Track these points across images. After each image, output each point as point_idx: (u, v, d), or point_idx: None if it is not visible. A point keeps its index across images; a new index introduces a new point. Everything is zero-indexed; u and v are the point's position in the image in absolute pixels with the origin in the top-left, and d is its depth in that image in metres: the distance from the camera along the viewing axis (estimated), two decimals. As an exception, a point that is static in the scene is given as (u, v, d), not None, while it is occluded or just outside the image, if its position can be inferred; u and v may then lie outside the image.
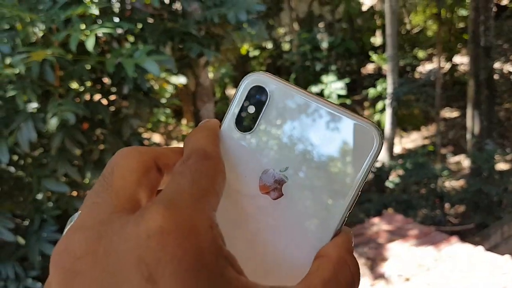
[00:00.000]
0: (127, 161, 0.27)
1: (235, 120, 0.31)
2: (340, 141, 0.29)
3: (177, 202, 0.23)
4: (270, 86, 0.31)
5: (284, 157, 0.30)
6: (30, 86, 1.86)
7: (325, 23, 10.49)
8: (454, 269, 2.72)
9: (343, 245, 0.28)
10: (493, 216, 4.87)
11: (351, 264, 0.27)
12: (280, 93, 0.31)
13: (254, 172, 0.30)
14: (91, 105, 2.11)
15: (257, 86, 0.31)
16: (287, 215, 0.30)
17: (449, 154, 7.81)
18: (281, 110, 0.31)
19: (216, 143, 0.29)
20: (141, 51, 1.86)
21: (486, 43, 6.31)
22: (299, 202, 0.30)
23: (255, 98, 0.31)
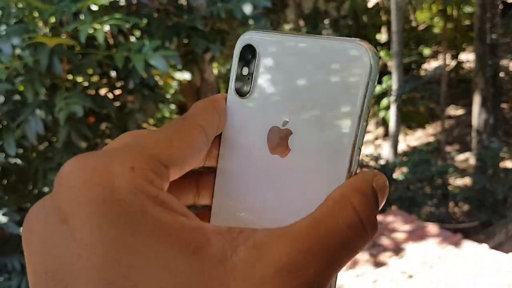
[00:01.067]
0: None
1: (234, 87, 0.30)
2: (332, 73, 0.26)
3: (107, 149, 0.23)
4: (259, 42, 0.29)
5: (283, 110, 0.28)
6: (38, 79, 1.87)
7: (330, 20, 10.46)
8: (458, 266, 2.72)
9: (349, 185, 0.24)
10: (498, 214, 4.85)
11: (356, 201, 0.23)
12: (266, 46, 0.29)
13: (261, 135, 0.29)
14: (97, 99, 2.12)
15: (246, 45, 0.30)
16: (298, 170, 0.28)
17: (454, 152, 7.79)
18: (271, 63, 0.29)
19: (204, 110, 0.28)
20: (148, 47, 1.86)
21: (492, 41, 6.28)
22: (306, 153, 0.28)
23: (246, 59, 0.30)
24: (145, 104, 2.29)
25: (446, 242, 3.03)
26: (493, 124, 6.35)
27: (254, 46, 0.29)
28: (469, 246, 2.95)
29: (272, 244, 0.20)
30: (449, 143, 8.06)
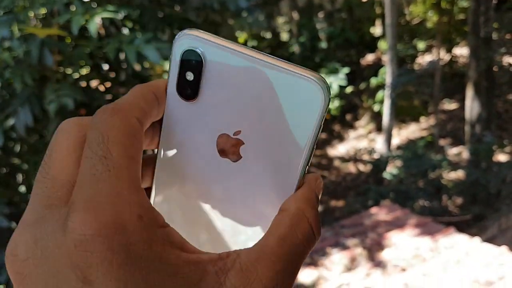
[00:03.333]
0: (65, 139, 0.26)
1: (175, 88, 0.29)
2: (286, 98, 0.28)
3: (95, 199, 0.23)
4: (204, 47, 0.28)
5: (235, 121, 0.29)
6: (28, 70, 1.84)
7: (324, 13, 10.44)
8: (450, 260, 2.73)
9: (302, 197, 0.28)
10: (491, 208, 4.88)
11: (310, 215, 0.27)
12: (215, 54, 0.28)
13: (209, 138, 0.30)
14: (88, 91, 2.10)
15: (189, 49, 0.28)
16: (248, 176, 0.30)
17: (447, 145, 7.82)
18: (220, 73, 0.28)
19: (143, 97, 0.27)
20: (141, 39, 1.84)
21: (486, 35, 6.29)
22: (257, 163, 0.29)
23: (190, 63, 0.28)
24: (137, 96, 2.26)
25: (439, 235, 3.04)
26: (486, 118, 6.37)
27: (200, 53, 0.28)
28: (462, 239, 2.97)
29: (256, 268, 0.24)
30: (443, 136, 8.09)
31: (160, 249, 0.23)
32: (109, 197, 0.23)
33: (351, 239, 3.14)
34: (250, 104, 0.28)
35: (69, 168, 0.25)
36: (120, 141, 0.24)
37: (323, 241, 3.09)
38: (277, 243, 0.25)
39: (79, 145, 0.26)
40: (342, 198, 6.84)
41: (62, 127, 0.27)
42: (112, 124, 0.25)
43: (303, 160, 0.29)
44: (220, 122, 0.29)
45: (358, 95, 9.62)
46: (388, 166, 5.98)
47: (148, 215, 0.24)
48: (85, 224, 0.22)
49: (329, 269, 2.75)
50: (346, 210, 5.89)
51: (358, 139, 8.92)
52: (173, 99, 0.29)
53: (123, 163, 0.24)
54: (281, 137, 0.28)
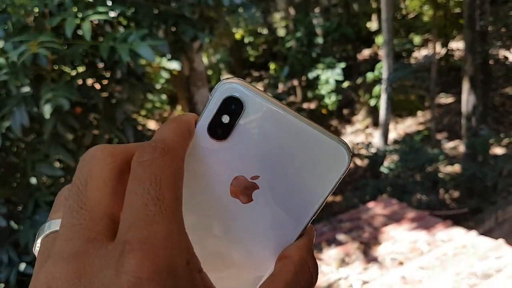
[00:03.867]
0: (100, 168, 0.26)
1: (207, 126, 0.31)
2: (311, 156, 0.31)
3: (151, 241, 0.23)
4: (246, 97, 0.31)
5: (256, 166, 0.31)
6: (22, 71, 1.84)
7: (321, 8, 10.42)
8: (447, 253, 2.74)
9: (304, 247, 0.31)
10: (487, 201, 4.90)
11: (311, 265, 0.30)
12: (255, 105, 0.31)
13: (226, 177, 0.31)
14: (84, 90, 2.09)
15: (233, 96, 0.31)
16: (254, 218, 0.32)
17: (444, 139, 7.83)
18: (255, 122, 0.31)
19: (183, 135, 0.29)
20: (135, 36, 1.83)
21: (481, 28, 6.29)
22: (267, 208, 0.32)
23: (229, 108, 0.31)
24: (133, 94, 2.26)
25: (436, 229, 3.05)
26: (482, 111, 6.38)
27: (243, 101, 0.31)
28: (459, 232, 2.98)
29: None
30: (439, 130, 8.10)
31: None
32: (164, 241, 0.23)
33: (348, 233, 3.15)
34: (275, 153, 0.31)
35: (106, 200, 0.26)
36: (171, 184, 0.25)
37: (320, 235, 3.10)
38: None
39: (114, 175, 0.26)
40: (340, 193, 6.85)
41: (95, 154, 0.27)
42: (164, 165, 0.25)
43: (312, 216, 0.31)
44: (241, 164, 0.31)
45: (355, 90, 9.63)
46: (385, 161, 6.00)
47: (193, 260, 0.24)
48: (142, 266, 0.22)
49: (327, 264, 2.76)
50: (343, 204, 5.90)
51: (355, 134, 8.93)
52: (201, 134, 0.31)
53: (174, 206, 0.25)
54: (298, 191, 0.31)
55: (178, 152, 0.27)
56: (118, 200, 0.26)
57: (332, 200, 6.76)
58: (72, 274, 0.23)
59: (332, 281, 2.57)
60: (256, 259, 0.33)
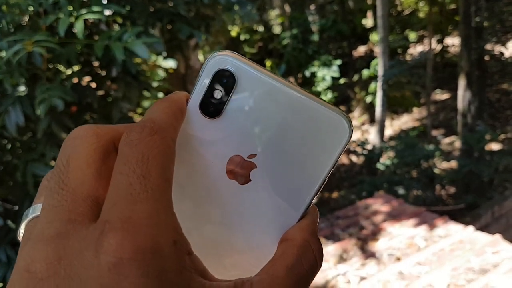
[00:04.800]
0: (84, 148, 0.25)
1: (200, 103, 0.29)
2: (310, 129, 0.29)
3: (133, 221, 0.22)
4: (238, 70, 0.29)
5: (253, 144, 0.29)
6: (18, 70, 1.83)
7: (316, 5, 10.42)
8: (444, 248, 2.75)
9: (307, 228, 0.29)
10: (484, 197, 4.91)
11: (315, 246, 0.28)
12: (248, 77, 0.29)
13: (221, 157, 0.30)
14: (79, 89, 2.09)
15: (224, 69, 0.29)
16: (254, 200, 0.30)
17: (440, 135, 7.85)
18: (249, 96, 0.29)
19: (173, 114, 0.27)
20: (130, 33, 1.82)
21: (477, 24, 6.31)
22: (266, 188, 0.30)
23: (221, 82, 0.29)
24: (129, 92, 2.25)
25: (433, 224, 3.06)
26: (478, 107, 6.40)
27: (235, 74, 0.29)
28: (456, 228, 2.99)
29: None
30: (435, 127, 8.12)
31: (188, 277, 0.23)
32: (147, 220, 0.22)
33: (346, 230, 3.15)
34: (272, 129, 0.29)
35: (89, 181, 0.24)
36: (159, 163, 0.24)
37: (318, 232, 3.10)
38: (286, 273, 0.26)
39: (98, 156, 0.25)
40: (337, 190, 6.86)
41: (79, 134, 0.26)
42: (152, 144, 0.24)
43: (314, 193, 0.29)
44: (236, 143, 0.29)
45: (351, 87, 9.64)
46: (382, 157, 6.01)
47: (181, 241, 0.24)
48: (122, 246, 0.21)
49: (324, 260, 2.77)
50: (340, 201, 5.91)
51: (351, 131, 8.93)
52: (193, 112, 0.29)
53: (161, 185, 0.23)
54: (298, 167, 0.29)
55: (168, 132, 0.26)
56: (103, 182, 0.24)
57: (329, 196, 6.78)
58: (51, 256, 0.22)
59: (330, 277, 2.58)
60: (257, 244, 0.31)
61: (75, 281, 0.21)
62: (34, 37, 1.74)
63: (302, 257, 0.27)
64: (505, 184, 5.38)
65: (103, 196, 0.24)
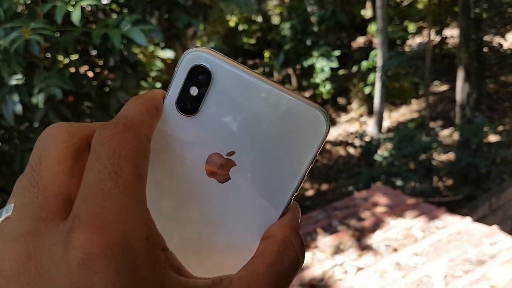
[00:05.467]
0: (55, 146, 0.25)
1: (176, 101, 0.29)
2: (288, 124, 0.28)
3: (103, 216, 0.21)
4: (214, 66, 0.28)
5: (231, 142, 0.29)
6: (15, 58, 1.82)
7: (315, -4, 10.36)
8: (442, 239, 2.76)
9: (288, 224, 0.29)
10: (481, 188, 4.93)
11: (296, 243, 0.27)
12: (224, 74, 0.28)
13: (200, 155, 0.29)
14: (77, 78, 2.07)
15: (199, 65, 0.28)
16: (234, 199, 0.30)
17: (438, 127, 7.85)
18: (226, 92, 0.28)
19: (148, 112, 0.27)
20: (127, 21, 1.81)
21: (476, 15, 6.29)
22: (246, 186, 0.29)
23: (197, 79, 0.28)
24: (126, 81, 2.24)
25: (430, 216, 3.07)
26: (476, 99, 6.40)
27: (210, 70, 0.28)
28: (453, 219, 2.99)
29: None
30: (433, 118, 8.12)
31: (162, 273, 0.22)
32: (118, 215, 0.22)
33: (343, 221, 3.16)
34: (250, 126, 0.28)
35: (61, 178, 0.24)
36: (131, 159, 0.23)
37: (315, 223, 3.11)
38: (266, 270, 0.25)
39: (70, 154, 0.25)
40: (334, 181, 6.87)
41: (51, 132, 0.26)
42: (124, 141, 0.24)
43: (294, 189, 0.29)
44: (215, 141, 0.29)
45: (350, 78, 9.62)
46: (379, 149, 6.01)
47: (154, 236, 0.23)
48: (91, 241, 0.21)
49: (321, 251, 2.78)
50: (338, 192, 5.92)
51: (349, 122, 8.94)
52: (170, 111, 0.29)
53: (133, 181, 0.23)
54: (277, 162, 0.29)
55: (142, 128, 0.25)
56: (76, 179, 0.24)
57: (327, 188, 6.79)
58: (21, 254, 0.22)
59: (327, 268, 2.59)
60: (239, 243, 0.30)
61: (45, 278, 0.21)
62: (31, 24, 1.72)
63: (283, 253, 0.27)
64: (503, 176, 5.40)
65: (75, 193, 0.24)
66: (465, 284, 2.30)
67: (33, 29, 1.69)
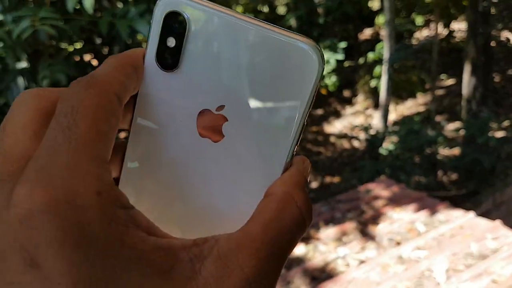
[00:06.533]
0: (22, 112, 0.24)
1: (155, 56, 0.26)
2: (277, 66, 0.25)
3: (47, 171, 0.20)
4: (188, 10, 0.26)
5: (219, 94, 0.26)
6: (20, 45, 1.82)
7: (322, -13, 10.29)
8: (445, 234, 2.76)
9: (290, 180, 0.26)
10: (485, 183, 4.91)
11: (299, 199, 0.25)
12: (201, 17, 0.25)
13: (189, 115, 0.27)
14: (81, 65, 2.08)
15: (173, 11, 0.26)
16: (230, 157, 0.27)
17: (443, 121, 7.82)
18: (205, 38, 0.26)
19: (122, 70, 0.25)
20: (134, 12, 1.81)
21: (484, 9, 6.24)
22: (242, 142, 0.27)
23: (173, 28, 0.26)
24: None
25: (434, 210, 3.07)
26: (483, 93, 6.36)
27: (185, 16, 0.26)
28: (457, 214, 2.99)
29: (236, 255, 0.22)
30: (439, 112, 8.09)
31: (121, 230, 0.20)
32: (64, 170, 0.20)
33: (346, 213, 3.16)
34: (236, 74, 0.26)
35: (24, 142, 0.23)
36: (91, 115, 0.22)
37: (318, 215, 3.12)
38: (261, 228, 0.23)
39: (37, 118, 0.24)
40: (338, 174, 6.87)
41: (19, 99, 0.24)
42: (86, 97, 0.22)
43: (292, 139, 0.26)
44: (202, 96, 0.27)
45: (356, 70, 9.57)
46: (384, 142, 6.00)
47: (109, 192, 0.21)
48: (31, 197, 0.19)
49: (324, 243, 2.78)
50: (342, 185, 5.92)
51: (355, 115, 8.91)
52: (152, 69, 0.27)
53: (89, 137, 0.21)
54: (270, 111, 0.26)
55: (110, 86, 0.23)
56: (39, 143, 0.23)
57: (330, 181, 6.79)
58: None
59: (329, 260, 2.59)
60: (238, 206, 0.28)
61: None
62: (39, 13, 1.72)
63: (282, 211, 0.24)
64: (508, 171, 5.37)
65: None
66: (467, 278, 2.30)
67: (42, 18, 1.69)
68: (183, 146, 0.28)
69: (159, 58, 0.26)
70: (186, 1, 0.26)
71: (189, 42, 0.26)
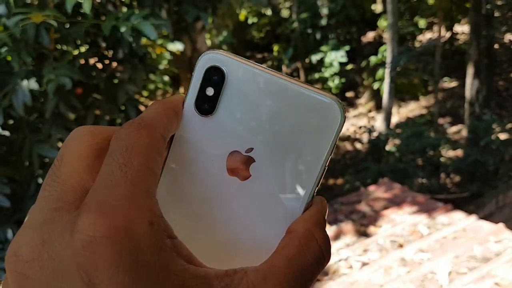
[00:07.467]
0: (77, 146, 0.27)
1: (194, 103, 0.30)
2: (304, 118, 0.29)
3: (108, 202, 0.23)
4: (227, 66, 0.30)
5: (249, 138, 0.30)
6: (25, 48, 1.83)
7: (325, -10, 10.30)
8: (447, 236, 2.76)
9: (311, 219, 0.28)
10: (488, 186, 4.90)
11: (320, 237, 0.27)
12: (238, 72, 0.30)
13: (220, 155, 0.30)
14: (86, 69, 2.09)
15: (213, 66, 0.30)
16: (256, 195, 0.30)
17: (446, 124, 7.81)
18: (241, 90, 0.30)
19: (165, 114, 0.28)
20: (138, 15, 1.82)
21: (487, 12, 6.23)
22: (267, 182, 0.30)
23: (212, 79, 0.30)
24: (135, 74, 2.25)
25: (437, 212, 3.07)
26: (486, 96, 6.35)
27: (224, 70, 0.30)
28: (459, 216, 2.99)
29: (263, 286, 0.24)
30: (442, 115, 8.07)
31: (168, 258, 0.23)
32: (122, 201, 0.23)
33: (349, 216, 3.16)
34: (266, 121, 0.29)
35: (79, 174, 0.26)
36: (142, 153, 0.25)
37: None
38: (285, 263, 0.25)
39: (91, 152, 0.26)
40: (341, 176, 6.87)
41: (74, 135, 0.27)
42: (138, 137, 0.25)
43: (314, 181, 0.29)
44: (233, 139, 0.30)
45: (359, 73, 9.57)
46: (387, 145, 5.99)
47: (159, 222, 0.24)
48: (95, 225, 0.22)
49: (327, 246, 2.78)
50: (345, 188, 5.91)
51: (358, 117, 8.91)
52: (190, 113, 0.30)
53: (142, 172, 0.24)
54: (295, 156, 0.29)
55: (157, 128, 0.27)
56: (95, 175, 0.25)
57: (333, 183, 6.79)
58: (36, 240, 0.23)
59: (332, 262, 2.59)
60: (262, 240, 0.30)
61: (56, 261, 0.22)
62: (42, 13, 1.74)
63: (304, 247, 0.26)
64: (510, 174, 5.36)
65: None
66: (470, 281, 2.30)
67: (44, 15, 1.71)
68: (213, 183, 0.31)
69: (197, 104, 0.30)
70: (225, 58, 0.30)
71: (225, 92, 0.30)
